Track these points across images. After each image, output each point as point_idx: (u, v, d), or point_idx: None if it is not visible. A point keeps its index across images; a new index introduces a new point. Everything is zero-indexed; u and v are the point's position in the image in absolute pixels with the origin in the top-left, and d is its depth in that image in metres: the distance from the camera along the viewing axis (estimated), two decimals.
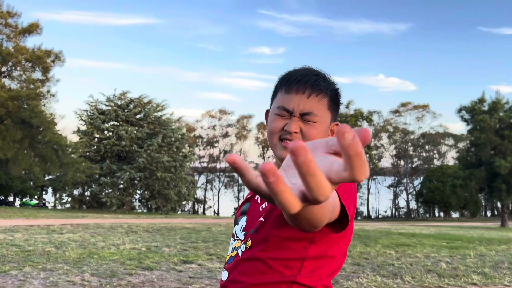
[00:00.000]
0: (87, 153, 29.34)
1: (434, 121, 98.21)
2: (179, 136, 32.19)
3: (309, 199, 0.40)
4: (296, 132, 1.08)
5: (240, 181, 53.32)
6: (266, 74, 78.46)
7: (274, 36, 79.96)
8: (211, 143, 52.02)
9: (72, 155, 26.18)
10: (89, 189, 31.08)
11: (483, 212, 55.23)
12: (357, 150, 0.37)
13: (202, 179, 52.64)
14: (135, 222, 14.36)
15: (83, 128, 30.84)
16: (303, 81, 1.09)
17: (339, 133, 0.38)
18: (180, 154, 32.57)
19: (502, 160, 27.82)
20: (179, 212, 38.99)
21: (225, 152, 52.62)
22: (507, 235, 15.44)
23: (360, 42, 78.18)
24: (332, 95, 1.12)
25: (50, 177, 32.46)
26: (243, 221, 1.18)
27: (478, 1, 72.64)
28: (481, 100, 30.63)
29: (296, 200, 0.40)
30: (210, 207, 53.80)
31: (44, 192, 43.90)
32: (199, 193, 50.51)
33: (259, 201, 1.17)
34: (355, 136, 0.37)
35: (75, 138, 29.68)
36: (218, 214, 51.00)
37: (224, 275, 1.16)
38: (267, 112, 1.21)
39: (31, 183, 41.14)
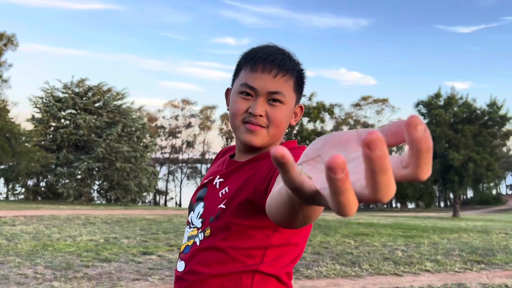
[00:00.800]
0: (42, 142, 28.17)
1: (393, 115, 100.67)
2: (140, 126, 31.46)
3: (366, 199, 0.34)
4: (261, 116, 1.03)
5: (204, 172, 52.96)
6: (230, 64, 75.32)
7: (238, 27, 79.54)
8: (173, 133, 51.22)
9: (26, 144, 25.08)
10: (45, 180, 29.88)
11: (437, 203, 57.69)
12: (428, 145, 0.32)
13: (164, 170, 51.83)
14: (93, 214, 13.95)
15: (38, 116, 29.51)
16: (269, 60, 1.03)
17: (411, 124, 0.32)
18: (141, 144, 31.86)
19: (455, 153, 29.07)
20: (140, 203, 38.28)
21: (188, 143, 52.02)
22: (458, 224, 16.19)
23: (323, 36, 79.18)
24: (298, 76, 1.08)
25: (2, 167, 30.97)
26: (199, 208, 1.12)
27: (435, 0, 75.19)
28: (437, 95, 31.81)
29: (356, 201, 0.34)
30: (172, 198, 53.16)
31: None
32: (161, 184, 49.74)
33: (217, 187, 1.11)
34: (426, 129, 0.32)
35: (29, 126, 28.39)
36: (180, 205, 50.50)
37: (180, 266, 1.09)
38: (227, 90, 1.15)
39: None
